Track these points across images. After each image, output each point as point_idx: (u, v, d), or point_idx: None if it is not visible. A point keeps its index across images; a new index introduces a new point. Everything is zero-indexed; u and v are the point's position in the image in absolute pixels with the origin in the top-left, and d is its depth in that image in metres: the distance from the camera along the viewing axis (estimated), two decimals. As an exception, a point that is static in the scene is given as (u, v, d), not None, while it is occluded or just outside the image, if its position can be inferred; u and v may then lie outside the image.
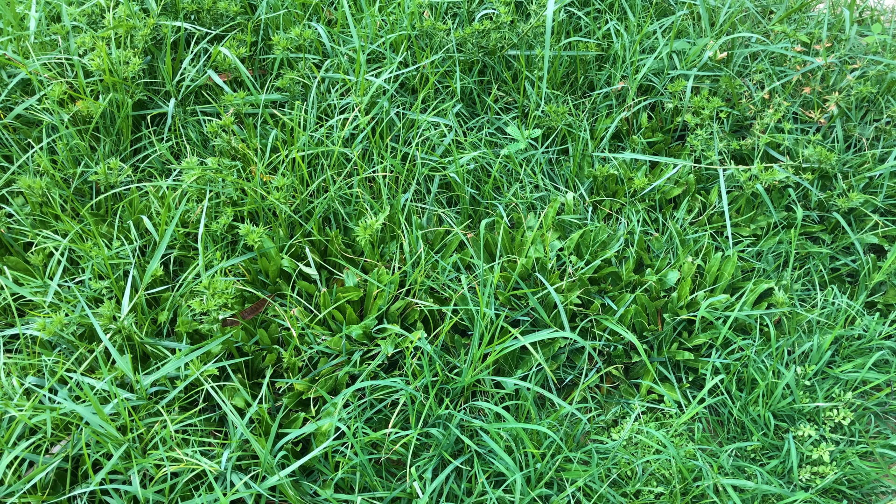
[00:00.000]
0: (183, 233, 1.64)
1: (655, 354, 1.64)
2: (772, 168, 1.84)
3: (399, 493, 1.34)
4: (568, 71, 2.16)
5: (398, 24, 2.03)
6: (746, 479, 1.48)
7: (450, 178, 1.81)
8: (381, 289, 1.55)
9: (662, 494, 1.44)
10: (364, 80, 1.86)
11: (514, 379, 1.55)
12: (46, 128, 1.80)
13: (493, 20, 2.04)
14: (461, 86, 2.02)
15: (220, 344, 1.43)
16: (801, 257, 1.86)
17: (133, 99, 1.85)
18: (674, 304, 1.69)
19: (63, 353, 1.45)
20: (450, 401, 1.47)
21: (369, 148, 1.82)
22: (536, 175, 1.93)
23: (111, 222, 1.68)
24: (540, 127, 2.00)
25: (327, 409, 1.40)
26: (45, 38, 1.95)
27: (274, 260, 1.59)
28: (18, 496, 1.24)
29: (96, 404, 1.25)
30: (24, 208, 1.69)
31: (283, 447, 1.35)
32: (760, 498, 1.45)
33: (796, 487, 1.47)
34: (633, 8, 2.27)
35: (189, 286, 1.53)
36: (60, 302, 1.50)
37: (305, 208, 1.70)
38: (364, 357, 1.50)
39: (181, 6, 1.99)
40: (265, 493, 1.28)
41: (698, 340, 1.63)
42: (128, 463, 1.27)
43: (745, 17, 2.45)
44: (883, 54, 2.25)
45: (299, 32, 1.92)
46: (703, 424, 1.55)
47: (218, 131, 1.77)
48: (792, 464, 1.48)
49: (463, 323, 1.62)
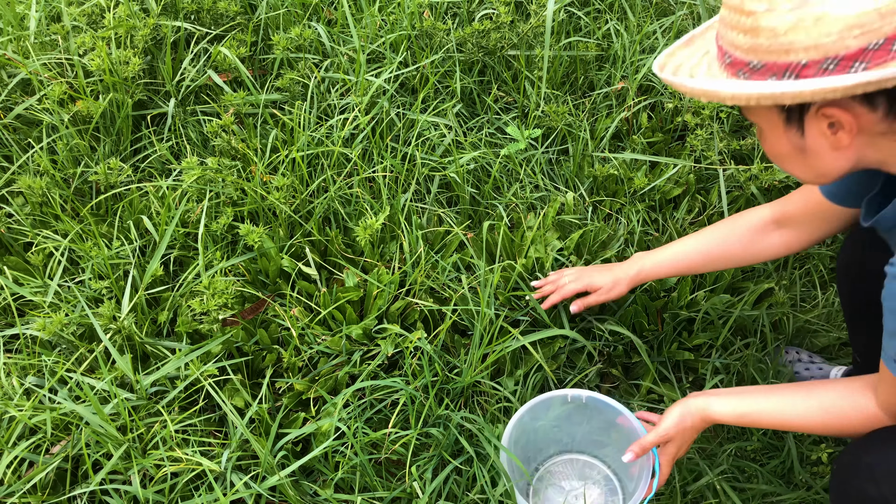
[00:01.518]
0: (183, 233, 1.64)
1: (655, 354, 1.64)
2: (772, 168, 1.84)
3: (399, 493, 1.34)
4: (568, 71, 2.16)
5: (398, 24, 2.03)
6: (746, 479, 1.48)
7: (450, 178, 1.81)
8: (381, 289, 1.55)
9: (662, 494, 1.44)
10: (364, 80, 1.86)
11: (513, 380, 1.55)
12: (46, 128, 1.80)
13: (493, 20, 2.04)
14: (461, 86, 2.02)
15: (220, 344, 1.43)
16: (801, 257, 1.86)
17: (133, 99, 1.86)
18: (674, 304, 1.69)
19: (63, 353, 1.45)
20: (450, 401, 1.47)
21: (369, 148, 1.82)
22: (536, 175, 1.93)
23: (111, 222, 1.68)
24: (540, 127, 2.00)
25: (327, 409, 1.40)
26: (45, 38, 1.95)
27: (274, 260, 1.59)
28: (18, 496, 1.24)
29: (96, 404, 1.25)
30: (24, 208, 1.69)
31: (283, 447, 1.35)
32: (760, 498, 1.46)
33: (796, 487, 1.47)
34: (633, 8, 2.27)
35: (189, 286, 1.53)
36: (60, 302, 1.50)
37: (305, 208, 1.70)
38: (364, 357, 1.50)
39: (181, 6, 1.99)
40: (265, 493, 1.28)
41: (698, 340, 1.63)
42: (128, 463, 1.27)
43: (745, 17, 2.45)
44: (883, 54, 2.25)
45: (299, 32, 1.92)
46: (703, 424, 1.55)
47: (218, 131, 1.77)
48: (792, 464, 1.48)
49: (463, 323, 1.62)
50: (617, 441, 1.45)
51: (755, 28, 0.84)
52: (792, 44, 0.82)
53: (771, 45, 0.84)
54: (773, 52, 0.84)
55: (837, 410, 1.12)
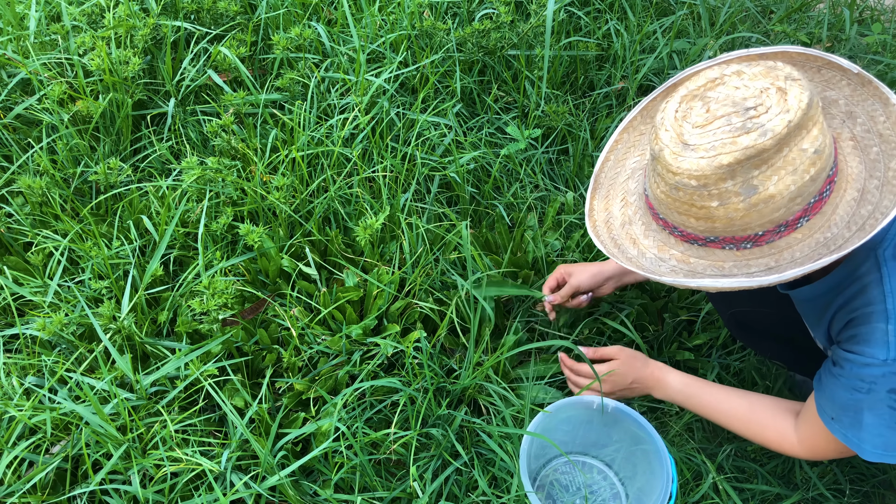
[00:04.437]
0: (183, 233, 1.64)
1: (656, 354, 1.64)
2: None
3: (399, 493, 1.34)
4: (568, 71, 2.15)
5: (398, 24, 2.03)
6: (746, 479, 1.48)
7: (450, 177, 1.81)
8: (381, 289, 1.55)
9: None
10: (364, 80, 1.86)
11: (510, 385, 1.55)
12: (46, 127, 1.80)
13: (493, 20, 2.04)
14: (461, 86, 2.02)
15: (220, 344, 1.43)
16: (801, 257, 1.86)
17: (133, 99, 1.85)
18: (674, 305, 1.69)
19: (63, 353, 1.45)
20: (450, 401, 1.47)
21: (369, 148, 1.82)
22: (536, 175, 1.93)
23: (111, 222, 1.68)
24: (540, 127, 2.00)
25: (327, 409, 1.40)
26: (45, 38, 1.95)
27: (274, 260, 1.59)
28: (18, 496, 1.24)
29: (96, 404, 1.25)
30: (24, 208, 1.69)
31: (283, 447, 1.35)
32: (760, 498, 1.46)
33: (796, 487, 1.47)
34: (633, 8, 2.27)
35: (189, 286, 1.53)
36: (60, 302, 1.50)
37: (305, 208, 1.70)
38: (364, 357, 1.50)
39: (181, 6, 1.99)
40: (265, 493, 1.28)
41: (698, 340, 1.63)
42: (128, 463, 1.27)
43: (745, 17, 2.45)
44: (883, 54, 2.24)
45: (299, 32, 1.92)
46: (703, 424, 1.55)
47: (218, 131, 1.77)
48: (792, 464, 1.48)
49: (463, 323, 1.62)
50: (618, 442, 1.45)
51: (709, 217, 0.93)
52: (747, 224, 0.92)
53: (727, 228, 0.94)
54: (730, 231, 0.94)
55: (759, 419, 1.23)
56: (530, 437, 1.33)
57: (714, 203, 0.90)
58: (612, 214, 1.11)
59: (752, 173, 0.87)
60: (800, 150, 0.87)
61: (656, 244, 1.03)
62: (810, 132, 0.87)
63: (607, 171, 1.16)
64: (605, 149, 1.16)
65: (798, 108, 0.86)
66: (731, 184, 0.88)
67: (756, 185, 0.88)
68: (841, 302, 1.04)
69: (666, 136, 0.92)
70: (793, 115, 0.86)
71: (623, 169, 1.15)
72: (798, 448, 1.18)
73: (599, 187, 1.15)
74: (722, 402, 1.29)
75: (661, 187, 0.95)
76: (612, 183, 1.14)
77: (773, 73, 0.90)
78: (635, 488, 1.43)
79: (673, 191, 0.93)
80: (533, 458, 1.45)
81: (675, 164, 0.90)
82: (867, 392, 0.99)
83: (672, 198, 0.94)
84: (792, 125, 0.86)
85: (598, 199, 1.14)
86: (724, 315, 1.46)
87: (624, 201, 1.11)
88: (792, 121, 0.86)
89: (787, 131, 0.85)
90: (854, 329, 1.00)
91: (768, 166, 0.87)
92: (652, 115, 1.14)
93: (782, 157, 0.86)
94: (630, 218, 1.08)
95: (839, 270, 1.03)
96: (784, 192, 0.88)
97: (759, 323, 1.39)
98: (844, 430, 1.04)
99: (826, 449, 1.13)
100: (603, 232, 1.10)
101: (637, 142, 1.16)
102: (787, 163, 0.87)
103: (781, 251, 0.94)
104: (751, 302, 1.34)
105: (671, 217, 0.98)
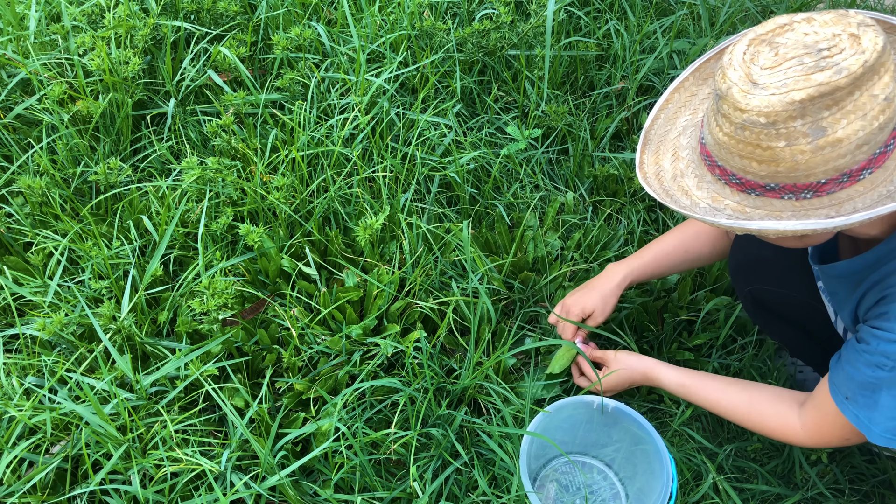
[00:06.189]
0: (183, 233, 1.64)
1: (656, 354, 1.64)
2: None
3: (399, 493, 1.34)
4: (568, 71, 2.16)
5: (398, 24, 2.03)
6: (746, 479, 1.48)
7: (450, 177, 1.81)
8: (381, 289, 1.55)
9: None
10: (364, 80, 1.86)
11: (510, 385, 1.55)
12: (46, 128, 1.80)
13: (493, 20, 2.04)
14: (461, 86, 2.02)
15: (220, 344, 1.43)
16: (801, 257, 1.86)
17: (133, 99, 1.85)
18: (674, 305, 1.69)
19: (63, 353, 1.45)
20: (450, 401, 1.47)
21: (369, 148, 1.82)
22: (536, 175, 1.93)
23: (111, 222, 1.68)
24: (540, 127, 2.00)
25: (327, 409, 1.40)
26: (45, 38, 1.95)
27: (274, 260, 1.59)
28: (18, 496, 1.24)
29: (96, 404, 1.25)
30: (23, 208, 1.69)
31: (283, 447, 1.35)
32: (760, 498, 1.46)
33: (797, 487, 1.47)
34: (633, 8, 2.27)
35: (189, 286, 1.53)
36: (60, 302, 1.50)
37: (305, 208, 1.70)
38: (364, 357, 1.50)
39: (181, 6, 1.99)
40: (265, 493, 1.28)
41: (698, 340, 1.63)
42: (128, 463, 1.27)
43: (745, 17, 2.45)
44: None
45: (299, 32, 1.92)
46: (702, 424, 1.55)
47: (218, 131, 1.77)
48: (792, 464, 1.48)
49: (463, 323, 1.62)
50: (618, 442, 1.45)
51: (773, 159, 0.90)
52: (811, 169, 0.89)
53: (790, 173, 0.91)
54: (792, 177, 0.91)
55: (761, 410, 1.24)
56: (530, 436, 1.33)
57: (781, 143, 0.88)
58: (663, 168, 1.09)
59: (823, 114, 0.85)
60: (871, 95, 0.85)
61: (710, 195, 1.01)
62: (882, 78, 0.86)
63: (657, 129, 1.14)
64: (655, 107, 1.14)
65: (874, 49, 0.84)
66: (800, 123, 0.86)
67: (825, 126, 0.86)
68: (876, 278, 1.03)
69: (734, 74, 0.90)
70: (868, 55, 0.84)
71: (674, 126, 1.13)
72: (801, 434, 1.18)
73: (649, 143, 1.13)
74: (719, 396, 1.31)
75: (726, 128, 0.92)
76: (661, 139, 1.12)
77: (844, 19, 0.88)
78: (635, 488, 1.43)
79: (738, 131, 0.91)
80: (533, 457, 1.45)
81: (743, 102, 0.88)
82: (890, 370, 0.99)
83: (736, 139, 0.92)
84: (867, 65, 0.84)
85: (647, 154, 1.12)
86: (742, 292, 1.45)
87: (675, 156, 1.09)
88: (868, 61, 0.84)
89: (862, 71, 0.84)
90: (886, 306, 1.00)
91: (839, 108, 0.85)
92: (704, 78, 1.13)
93: (853, 100, 0.85)
94: (682, 171, 1.06)
95: (879, 248, 1.03)
96: (852, 137, 0.86)
97: (775, 303, 1.38)
98: (857, 411, 1.04)
99: (831, 434, 1.13)
100: (654, 183, 1.08)
101: (688, 101, 1.14)
102: (857, 107, 0.85)
103: (842, 202, 0.92)
104: (775, 280, 1.33)
105: (731, 162, 0.95)
